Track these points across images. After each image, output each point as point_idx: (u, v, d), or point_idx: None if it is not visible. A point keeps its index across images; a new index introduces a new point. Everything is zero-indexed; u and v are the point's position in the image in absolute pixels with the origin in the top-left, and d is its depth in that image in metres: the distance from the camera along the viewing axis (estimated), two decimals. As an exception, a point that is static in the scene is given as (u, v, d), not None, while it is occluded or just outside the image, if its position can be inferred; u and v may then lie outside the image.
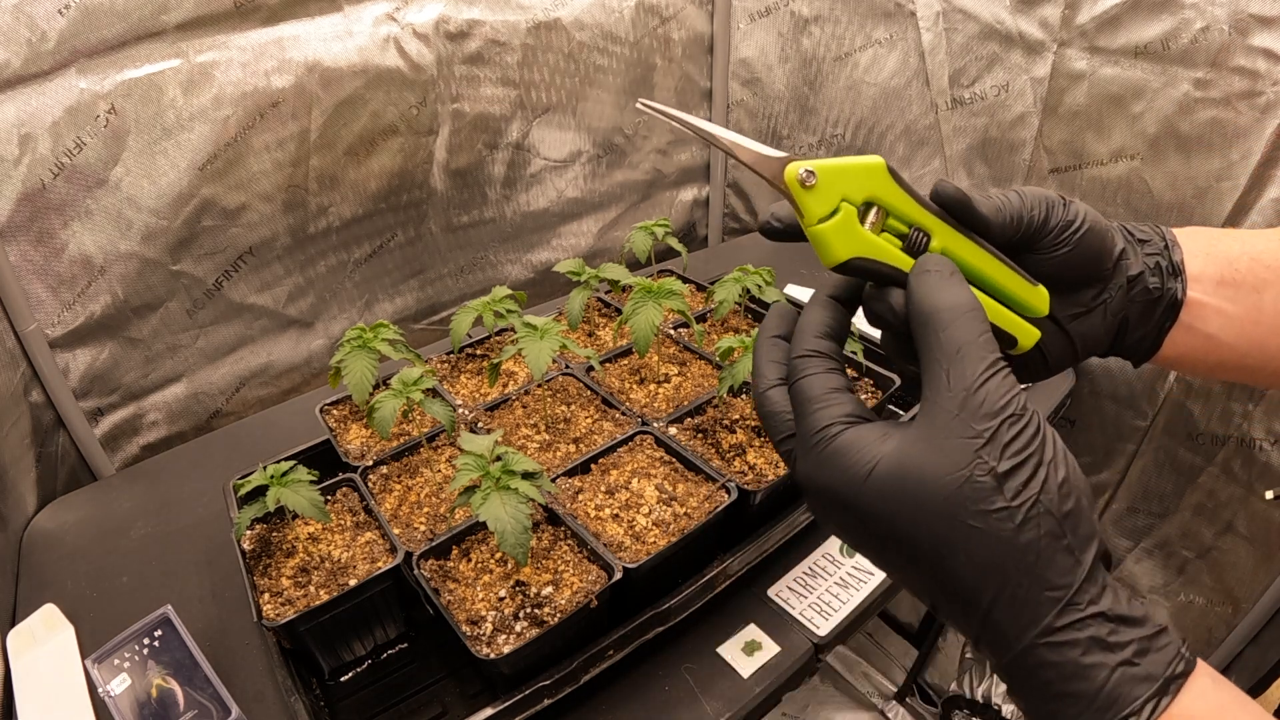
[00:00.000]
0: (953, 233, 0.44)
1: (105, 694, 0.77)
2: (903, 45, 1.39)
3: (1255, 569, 1.23)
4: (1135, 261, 0.50)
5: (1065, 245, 0.47)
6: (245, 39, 1.10)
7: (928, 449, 0.37)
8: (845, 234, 0.41)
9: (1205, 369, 0.53)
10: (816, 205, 0.41)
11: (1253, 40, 1.00)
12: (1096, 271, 0.49)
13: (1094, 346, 0.51)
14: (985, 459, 0.35)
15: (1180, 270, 0.50)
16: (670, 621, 0.84)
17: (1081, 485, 0.36)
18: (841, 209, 0.41)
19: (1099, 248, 0.48)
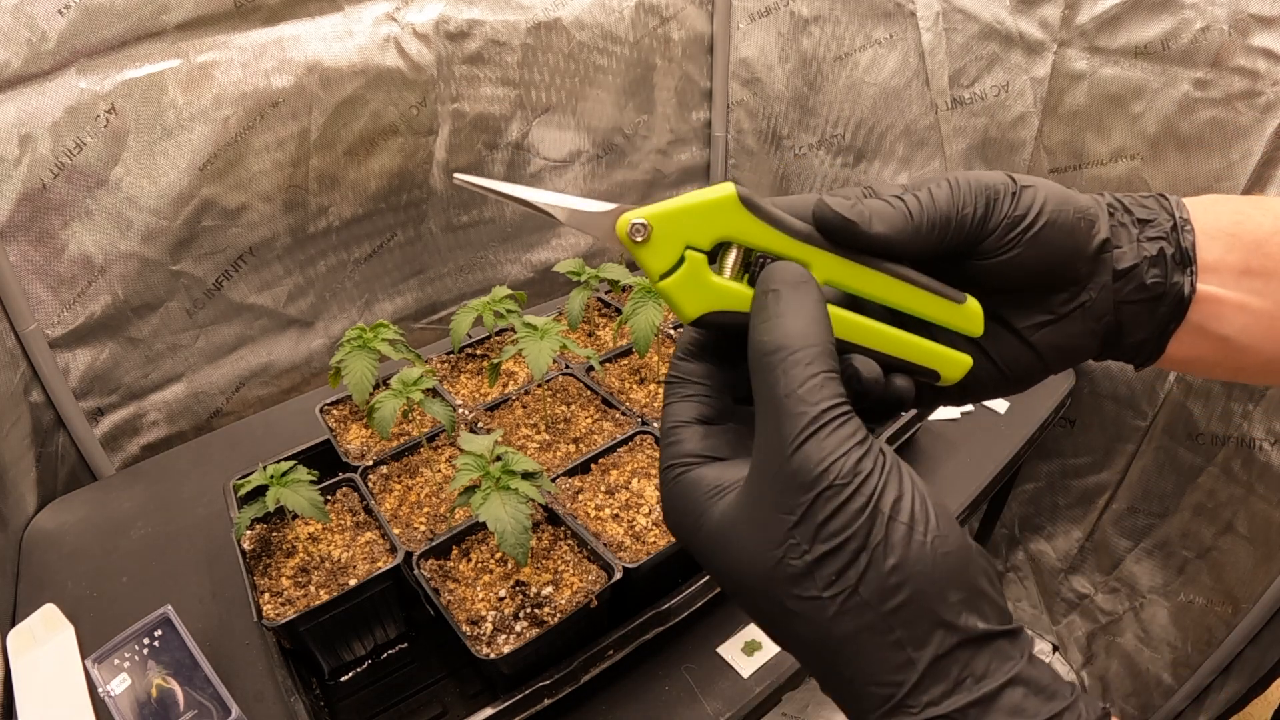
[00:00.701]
0: (837, 260, 0.36)
1: (105, 694, 0.77)
2: (903, 45, 1.39)
3: (1255, 569, 1.22)
4: (1129, 250, 0.39)
5: (1014, 246, 0.37)
6: (245, 39, 1.10)
7: (747, 518, 0.32)
8: (693, 286, 0.35)
9: (1222, 373, 0.43)
10: (657, 260, 0.35)
11: (1253, 40, 1.00)
12: (1063, 273, 0.39)
13: (1072, 357, 0.41)
14: (797, 540, 0.30)
15: (1190, 259, 0.39)
16: (670, 621, 0.84)
17: (922, 569, 0.29)
18: (687, 258, 0.35)
19: (1065, 244, 0.38)
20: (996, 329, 0.40)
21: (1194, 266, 0.39)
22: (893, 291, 0.37)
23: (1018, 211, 0.37)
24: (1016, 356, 0.40)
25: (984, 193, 0.37)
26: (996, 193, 0.37)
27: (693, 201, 0.35)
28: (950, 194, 0.37)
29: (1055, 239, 0.37)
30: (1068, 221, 0.38)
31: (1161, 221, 0.40)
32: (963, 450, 1.13)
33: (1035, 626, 1.68)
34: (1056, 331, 0.40)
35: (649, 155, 1.69)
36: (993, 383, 0.41)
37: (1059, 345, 0.40)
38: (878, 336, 0.37)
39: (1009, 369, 0.41)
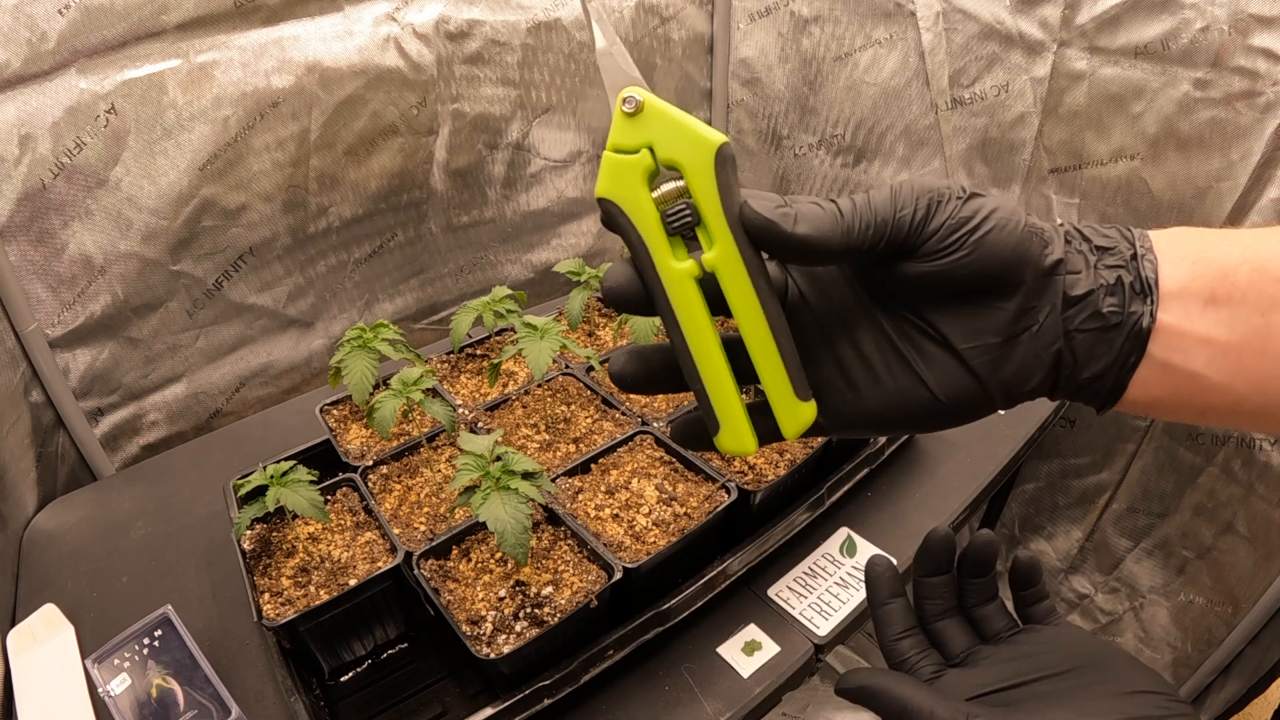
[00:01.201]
0: (736, 256, 0.35)
1: (105, 694, 0.77)
2: (903, 45, 1.39)
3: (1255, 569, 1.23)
4: (1084, 276, 0.37)
5: (956, 249, 0.35)
6: (245, 39, 1.10)
7: None
8: (622, 176, 0.35)
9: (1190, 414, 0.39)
10: (622, 135, 0.36)
11: (1253, 40, 1.00)
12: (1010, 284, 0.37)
13: (1015, 387, 0.38)
14: None
15: (1150, 289, 0.36)
16: (670, 621, 0.84)
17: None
18: (640, 154, 0.35)
19: (1011, 254, 0.36)
20: (935, 350, 0.38)
21: (1155, 295, 0.36)
22: (756, 328, 0.36)
23: (963, 214, 0.36)
24: (956, 382, 0.38)
25: (926, 195, 0.36)
26: (941, 196, 0.36)
27: (686, 123, 0.35)
28: (890, 197, 0.36)
29: (1001, 247, 0.36)
30: (1016, 232, 0.36)
31: (1121, 250, 0.37)
32: (963, 450, 1.13)
33: (1035, 626, 1.68)
34: (1001, 357, 0.37)
35: (649, 155, 1.69)
36: (927, 412, 0.39)
37: (1003, 373, 0.38)
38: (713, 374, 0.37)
39: (947, 396, 0.38)
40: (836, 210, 0.35)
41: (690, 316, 0.36)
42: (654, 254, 0.36)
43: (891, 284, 0.38)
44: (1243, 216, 1.08)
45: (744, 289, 0.35)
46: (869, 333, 0.39)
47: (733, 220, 0.35)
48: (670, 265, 0.36)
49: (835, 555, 0.98)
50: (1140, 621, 1.45)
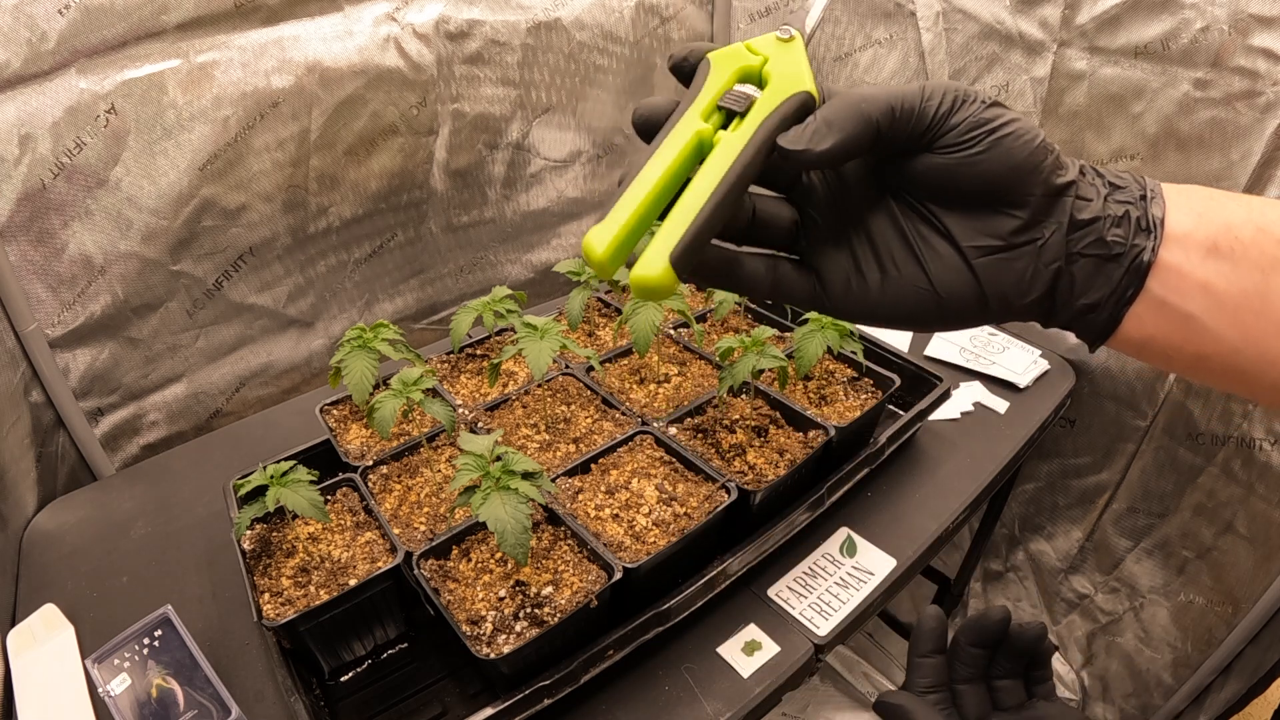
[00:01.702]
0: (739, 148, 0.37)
1: (105, 694, 0.77)
2: (903, 45, 1.39)
3: (1255, 569, 1.23)
4: (1094, 203, 0.38)
5: (972, 145, 0.37)
6: (245, 39, 1.10)
7: None
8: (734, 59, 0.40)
9: (1183, 362, 0.40)
10: (763, 44, 0.41)
11: (1253, 40, 1.00)
12: (1019, 192, 0.38)
13: (1014, 298, 0.40)
14: None
15: (1155, 227, 0.38)
16: (670, 621, 0.84)
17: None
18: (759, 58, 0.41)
19: (1025, 162, 0.37)
20: (942, 245, 0.40)
21: (1159, 234, 0.38)
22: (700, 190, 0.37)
23: (984, 115, 0.38)
24: (956, 280, 0.39)
25: (953, 91, 0.38)
26: (966, 95, 0.38)
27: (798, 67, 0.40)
28: (918, 89, 0.38)
29: (1016, 153, 0.37)
30: (1031, 143, 0.38)
31: (1132, 189, 0.39)
32: (963, 450, 1.13)
33: (1035, 626, 1.68)
34: (1002, 263, 0.39)
35: (649, 155, 1.69)
36: (925, 309, 0.40)
37: (1003, 280, 0.39)
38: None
39: (946, 293, 0.40)
40: (861, 103, 0.37)
41: (668, 146, 0.38)
42: (693, 105, 0.39)
43: (909, 176, 0.40)
44: (1243, 216, 1.08)
45: (720, 166, 0.37)
46: (882, 223, 0.41)
47: (763, 136, 0.37)
48: (694, 116, 0.38)
49: (835, 555, 0.98)
50: (1140, 621, 1.45)
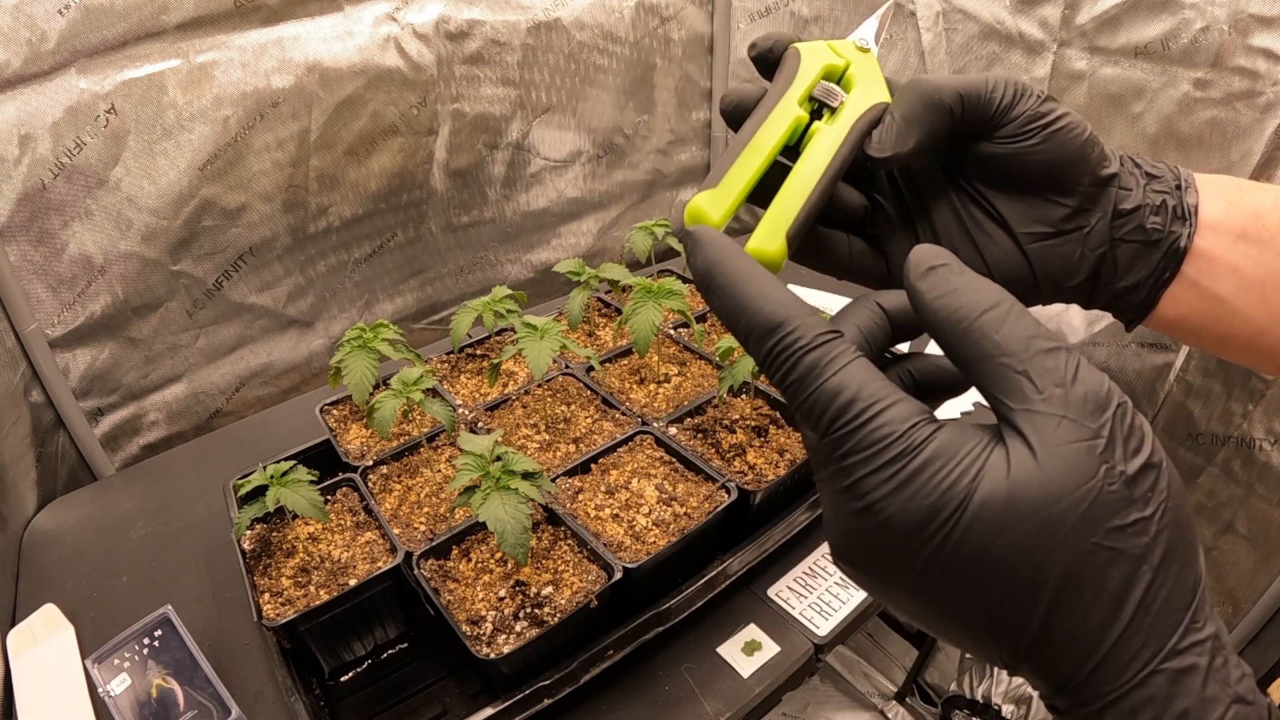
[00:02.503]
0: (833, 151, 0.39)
1: (105, 694, 0.77)
2: (903, 45, 1.39)
3: (1255, 569, 1.23)
4: (1135, 193, 0.42)
5: (1029, 137, 0.40)
6: (245, 39, 1.10)
7: (1041, 462, 0.28)
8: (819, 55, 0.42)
9: (1212, 340, 0.43)
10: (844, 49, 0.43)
11: (1253, 40, 1.00)
12: (1069, 182, 0.41)
13: (1061, 280, 0.42)
14: (1112, 463, 0.27)
15: (1190, 215, 0.42)
16: (670, 621, 0.84)
17: (1181, 483, 0.29)
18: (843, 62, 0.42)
19: (1076, 154, 0.41)
20: (997, 231, 0.43)
21: (1194, 221, 0.41)
22: (803, 180, 0.39)
23: (1041, 109, 0.40)
24: (1010, 262, 0.43)
25: (1014, 84, 0.40)
26: (1026, 89, 0.40)
27: (878, 80, 0.41)
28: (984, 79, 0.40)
29: (1068, 146, 0.40)
30: (1081, 136, 0.41)
31: (1168, 179, 0.43)
32: (963, 450, 1.13)
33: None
34: (1052, 248, 0.42)
35: (649, 155, 1.69)
36: None
37: (1049, 264, 0.42)
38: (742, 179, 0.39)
39: (1000, 275, 0.43)
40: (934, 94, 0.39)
41: (772, 126, 0.40)
42: (789, 91, 0.41)
43: (968, 162, 0.43)
44: (1243, 216, 1.08)
45: (824, 155, 0.39)
46: (941, 208, 0.44)
47: (856, 135, 0.40)
48: (791, 102, 0.40)
49: (835, 555, 0.97)
50: (1140, 621, 1.45)
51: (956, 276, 0.31)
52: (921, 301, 0.32)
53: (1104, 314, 1.29)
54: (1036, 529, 0.27)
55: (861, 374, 0.30)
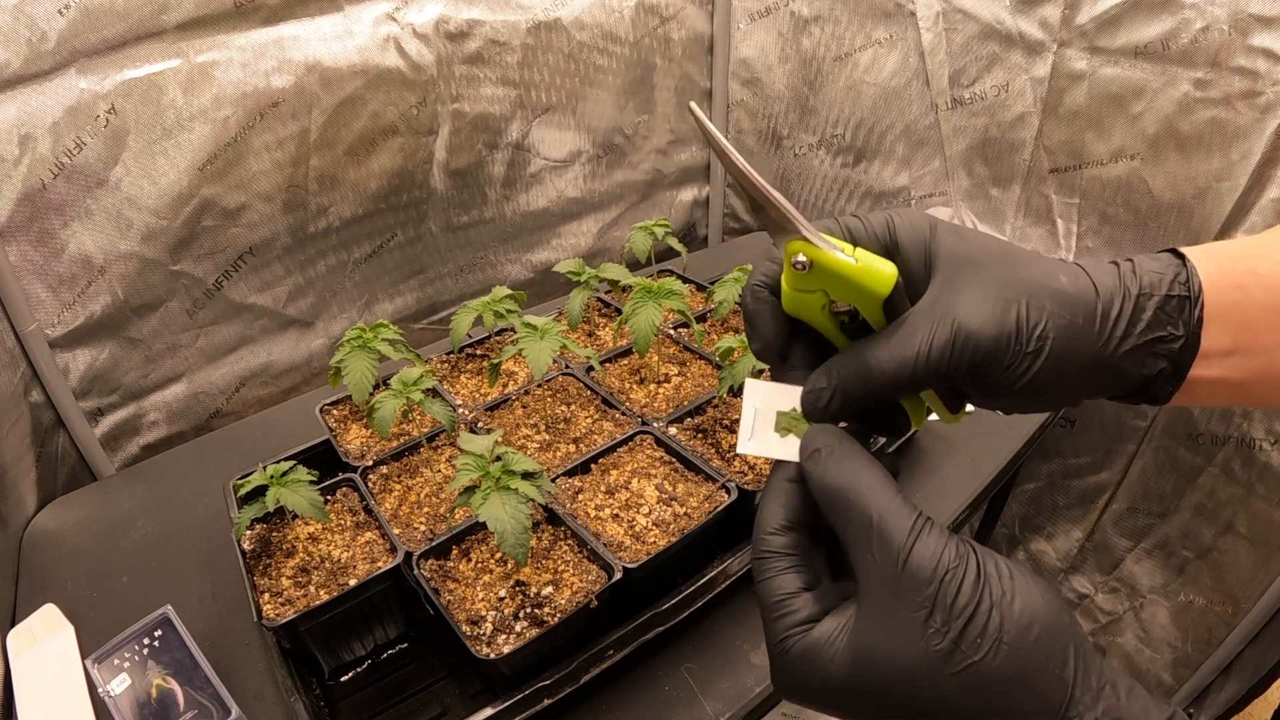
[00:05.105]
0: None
1: (105, 694, 0.77)
2: (903, 45, 1.39)
3: (1255, 569, 1.23)
4: (1131, 373, 0.41)
5: (1018, 377, 0.39)
6: (245, 39, 1.10)
7: (879, 635, 0.36)
8: (804, 306, 0.42)
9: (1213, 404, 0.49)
10: (798, 282, 0.41)
11: (1253, 40, 1.00)
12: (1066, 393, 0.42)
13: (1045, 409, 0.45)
14: (936, 626, 0.34)
15: (1184, 375, 0.41)
16: (670, 621, 0.84)
17: (1039, 602, 0.35)
18: (816, 294, 0.41)
19: (1072, 378, 0.40)
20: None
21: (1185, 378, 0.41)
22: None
23: (1027, 348, 0.39)
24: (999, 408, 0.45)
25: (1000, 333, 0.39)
26: (1006, 332, 0.39)
27: (854, 277, 0.39)
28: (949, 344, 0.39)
29: (1065, 368, 0.40)
30: (1080, 353, 0.40)
31: (1171, 338, 0.40)
32: (963, 450, 1.13)
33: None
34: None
35: (649, 155, 1.69)
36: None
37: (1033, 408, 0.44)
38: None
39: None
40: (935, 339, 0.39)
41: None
42: (822, 332, 0.43)
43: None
44: (1243, 216, 1.08)
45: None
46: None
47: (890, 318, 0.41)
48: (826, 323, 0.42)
49: (835, 555, 0.97)
50: (1140, 621, 1.45)
51: (829, 460, 0.40)
52: (807, 478, 0.41)
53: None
54: (880, 689, 0.36)
55: (784, 584, 0.40)
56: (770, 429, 0.44)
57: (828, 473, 0.39)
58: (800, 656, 0.38)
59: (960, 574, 0.35)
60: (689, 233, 1.89)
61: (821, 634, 0.38)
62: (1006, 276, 0.40)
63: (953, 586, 0.35)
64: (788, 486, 0.42)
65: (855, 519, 0.38)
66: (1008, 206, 1.37)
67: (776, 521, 0.41)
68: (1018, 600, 0.35)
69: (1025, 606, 0.35)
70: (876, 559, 0.36)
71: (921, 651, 0.35)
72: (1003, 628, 0.34)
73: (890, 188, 1.53)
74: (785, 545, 0.41)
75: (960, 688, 0.34)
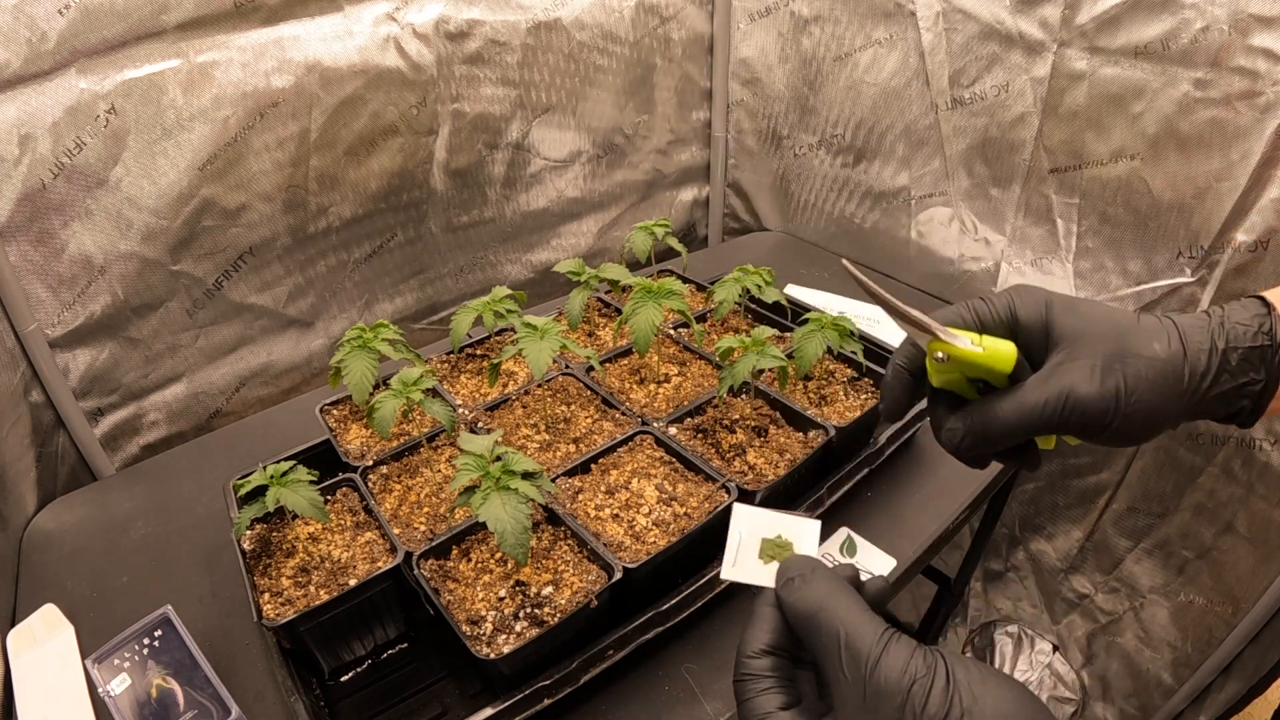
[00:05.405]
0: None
1: (105, 694, 0.77)
2: (903, 45, 1.38)
3: (1255, 569, 1.23)
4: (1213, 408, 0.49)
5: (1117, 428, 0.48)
6: (245, 39, 1.10)
7: None
8: (949, 379, 0.52)
9: None
10: (942, 370, 0.51)
11: (1253, 40, 1.00)
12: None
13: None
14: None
15: (1264, 407, 0.49)
16: (670, 621, 0.84)
17: (1013, 705, 0.36)
18: (958, 375, 0.52)
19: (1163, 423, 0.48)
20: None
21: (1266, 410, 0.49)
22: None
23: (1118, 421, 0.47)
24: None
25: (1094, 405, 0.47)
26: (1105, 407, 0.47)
27: (983, 362, 0.49)
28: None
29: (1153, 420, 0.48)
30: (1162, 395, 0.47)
31: (1254, 382, 0.48)
32: (963, 450, 1.13)
33: (1035, 626, 1.68)
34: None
35: (649, 155, 1.69)
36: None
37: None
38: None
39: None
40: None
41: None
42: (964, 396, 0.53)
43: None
44: (1243, 217, 1.08)
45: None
46: None
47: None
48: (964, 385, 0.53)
49: (835, 555, 0.98)
50: (1140, 621, 1.45)
51: (801, 586, 0.44)
52: (782, 604, 0.45)
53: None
54: None
55: (764, 704, 0.43)
56: (754, 555, 0.48)
57: (801, 597, 0.43)
58: None
59: (929, 682, 0.36)
60: (689, 233, 1.89)
61: None
62: (1109, 348, 0.48)
63: (921, 695, 0.36)
64: (768, 611, 0.46)
65: (825, 638, 0.41)
66: (1008, 206, 1.37)
67: (757, 645, 0.45)
68: (990, 705, 0.36)
69: (998, 711, 0.36)
70: (846, 674, 0.39)
71: None
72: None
73: (890, 188, 1.53)
74: (765, 668, 0.44)
75: None
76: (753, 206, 1.84)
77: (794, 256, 1.68)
